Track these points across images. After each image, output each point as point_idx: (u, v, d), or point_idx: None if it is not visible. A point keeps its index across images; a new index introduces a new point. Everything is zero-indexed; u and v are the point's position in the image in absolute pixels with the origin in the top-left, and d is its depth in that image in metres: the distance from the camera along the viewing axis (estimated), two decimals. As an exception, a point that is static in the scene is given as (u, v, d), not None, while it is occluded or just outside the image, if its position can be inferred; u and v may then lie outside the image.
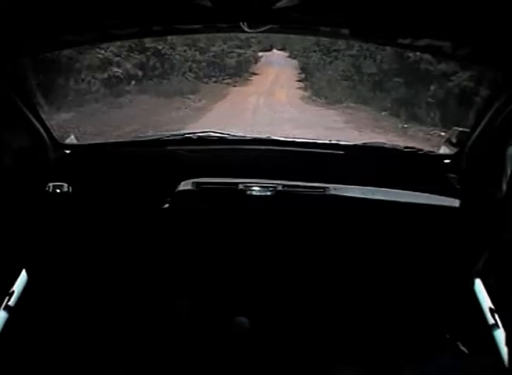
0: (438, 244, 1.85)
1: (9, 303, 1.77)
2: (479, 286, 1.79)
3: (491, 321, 1.69)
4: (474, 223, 1.76)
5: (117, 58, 9.17)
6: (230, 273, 1.94)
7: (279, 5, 1.21)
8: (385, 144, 2.06)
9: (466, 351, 1.75)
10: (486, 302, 1.75)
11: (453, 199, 1.83)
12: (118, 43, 7.91)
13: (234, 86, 11.70)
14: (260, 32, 1.53)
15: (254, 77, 12.97)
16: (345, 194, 1.90)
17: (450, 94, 7.53)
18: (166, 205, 1.92)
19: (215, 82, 11.57)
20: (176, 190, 1.93)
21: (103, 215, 1.94)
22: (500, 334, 1.64)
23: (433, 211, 1.85)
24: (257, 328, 1.92)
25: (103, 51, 8.66)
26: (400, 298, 1.90)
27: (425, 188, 1.86)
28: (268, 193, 1.91)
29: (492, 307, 1.71)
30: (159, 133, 2.14)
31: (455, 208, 1.81)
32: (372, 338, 1.84)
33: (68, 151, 2.01)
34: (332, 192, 1.90)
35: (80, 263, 1.95)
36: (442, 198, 1.85)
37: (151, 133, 2.17)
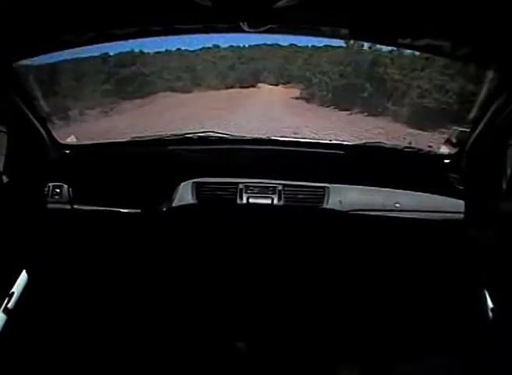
0: (438, 243, 1.85)
1: (9, 305, 1.78)
2: (479, 286, 1.79)
3: (492, 322, 1.69)
4: (475, 222, 1.76)
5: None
6: (230, 274, 1.94)
7: (279, 4, 1.21)
8: (385, 144, 2.05)
9: (467, 350, 1.75)
10: (487, 302, 1.75)
11: (453, 199, 1.83)
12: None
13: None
14: (260, 32, 1.53)
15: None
16: (345, 195, 1.90)
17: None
18: (166, 205, 1.93)
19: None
20: (176, 190, 1.93)
21: (103, 215, 1.94)
22: (501, 334, 1.64)
23: (433, 211, 1.85)
24: (256, 330, 1.92)
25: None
26: (400, 299, 1.90)
27: (425, 188, 1.86)
28: (268, 193, 1.91)
29: (493, 307, 1.72)
30: (159, 133, 2.14)
31: (455, 208, 1.81)
32: (373, 341, 1.84)
33: (68, 151, 2.01)
34: (332, 192, 1.90)
35: (79, 264, 1.95)
36: (442, 198, 1.86)
37: (151, 134, 2.16)
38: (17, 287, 1.85)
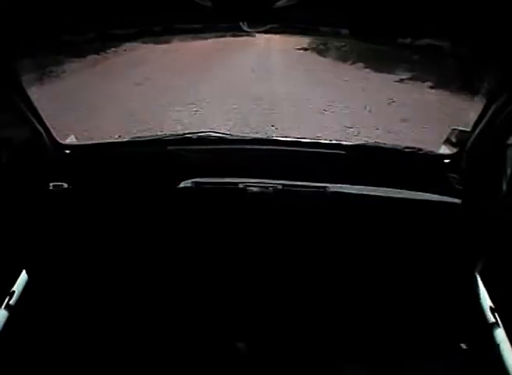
0: (438, 243, 1.85)
1: (10, 303, 1.78)
2: (479, 285, 1.79)
3: (491, 319, 1.70)
4: (474, 223, 1.76)
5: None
6: (230, 274, 1.94)
7: (278, 4, 1.21)
8: (385, 144, 2.05)
9: (466, 349, 1.75)
10: (486, 301, 1.75)
11: (452, 199, 1.83)
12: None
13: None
14: (260, 31, 1.53)
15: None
16: (345, 195, 1.90)
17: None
18: (166, 205, 1.93)
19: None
20: (176, 190, 1.93)
21: (103, 215, 1.94)
22: (500, 333, 1.64)
23: (433, 211, 1.85)
24: (256, 329, 1.92)
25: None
26: (400, 297, 1.90)
27: (425, 188, 1.86)
28: (268, 193, 1.91)
29: (492, 306, 1.72)
30: (159, 133, 2.14)
31: (455, 208, 1.81)
32: (372, 340, 1.84)
33: (68, 151, 2.01)
34: (332, 192, 1.90)
35: (79, 263, 1.95)
36: (442, 197, 1.86)
37: (150, 133, 2.17)
38: (18, 287, 1.85)
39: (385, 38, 1.54)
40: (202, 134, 2.05)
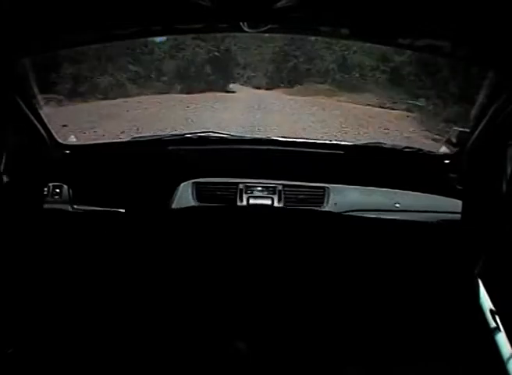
0: (437, 243, 1.85)
1: (8, 304, 1.78)
2: (479, 287, 1.79)
3: (491, 323, 1.69)
4: (474, 223, 1.76)
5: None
6: (230, 274, 1.94)
7: (279, 4, 1.21)
8: (385, 144, 2.06)
9: (467, 352, 1.75)
10: (487, 303, 1.75)
11: (452, 199, 1.83)
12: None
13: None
14: (260, 32, 1.53)
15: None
16: (345, 195, 1.90)
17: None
18: (166, 205, 1.93)
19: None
20: (176, 190, 1.93)
21: (103, 215, 1.95)
22: (501, 336, 1.64)
23: (433, 211, 1.85)
24: (256, 332, 1.92)
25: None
26: (400, 300, 1.90)
27: (425, 188, 1.86)
28: (269, 193, 1.91)
29: (493, 308, 1.72)
30: (159, 133, 2.14)
31: (455, 208, 1.81)
32: (372, 342, 1.84)
33: (68, 151, 2.01)
34: (332, 192, 1.90)
35: (79, 264, 1.95)
36: (442, 198, 1.86)
37: (151, 134, 2.17)
38: (16, 287, 1.85)
39: (385, 38, 1.54)
40: (202, 134, 2.05)
